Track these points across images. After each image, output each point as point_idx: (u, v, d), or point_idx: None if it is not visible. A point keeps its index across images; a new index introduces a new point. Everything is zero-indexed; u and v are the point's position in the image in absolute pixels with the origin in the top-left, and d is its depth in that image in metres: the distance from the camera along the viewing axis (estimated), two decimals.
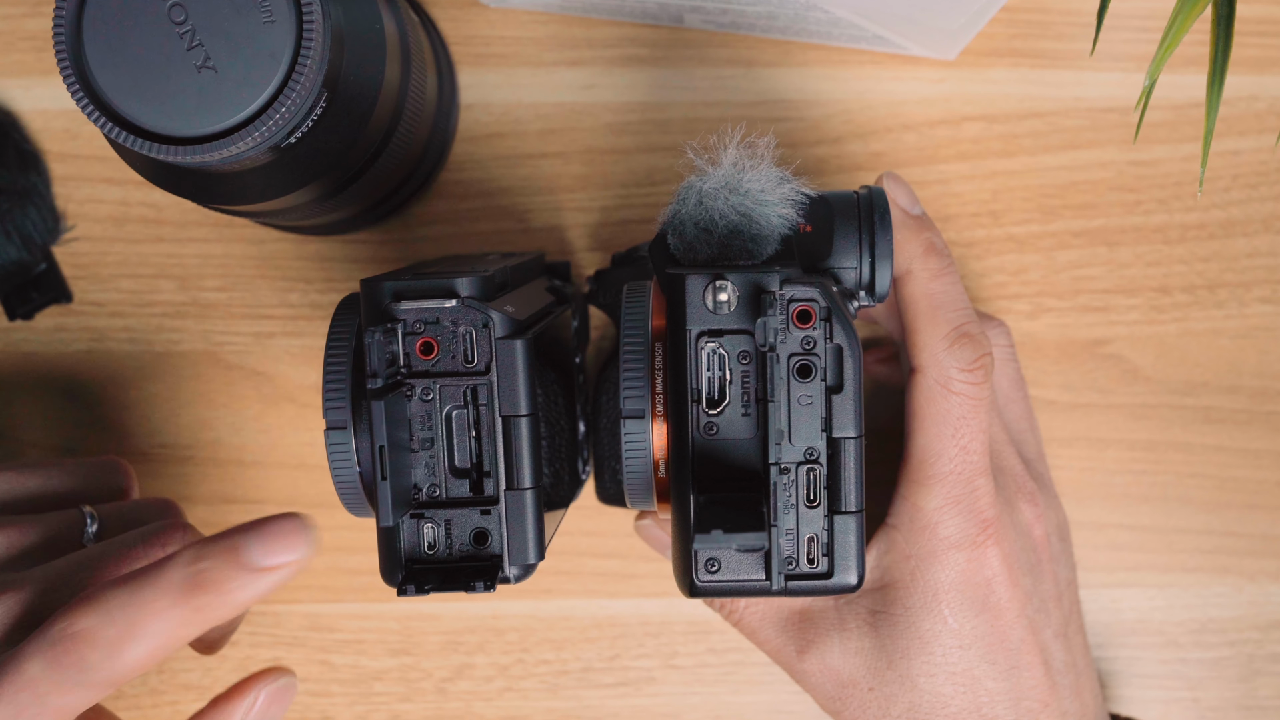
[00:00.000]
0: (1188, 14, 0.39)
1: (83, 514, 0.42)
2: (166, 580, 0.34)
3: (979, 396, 0.41)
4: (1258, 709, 0.53)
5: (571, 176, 0.52)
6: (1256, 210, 0.52)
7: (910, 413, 0.42)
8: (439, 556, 0.37)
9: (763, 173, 0.38)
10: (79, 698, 0.34)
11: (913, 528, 0.42)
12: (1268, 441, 0.52)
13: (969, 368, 0.41)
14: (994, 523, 0.42)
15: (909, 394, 0.42)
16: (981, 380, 0.41)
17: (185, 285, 0.52)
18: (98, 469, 0.45)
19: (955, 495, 0.41)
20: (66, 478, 0.44)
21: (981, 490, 0.41)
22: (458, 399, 0.36)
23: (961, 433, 0.41)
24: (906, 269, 0.42)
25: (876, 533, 0.43)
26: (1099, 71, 0.51)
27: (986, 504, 0.41)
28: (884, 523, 0.43)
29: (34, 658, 0.34)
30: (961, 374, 0.41)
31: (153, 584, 0.34)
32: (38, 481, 0.43)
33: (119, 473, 0.45)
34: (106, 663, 0.34)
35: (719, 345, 0.36)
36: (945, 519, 0.41)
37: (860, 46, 0.51)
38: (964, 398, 0.41)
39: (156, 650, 0.34)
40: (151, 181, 0.41)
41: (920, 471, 0.42)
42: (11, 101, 0.52)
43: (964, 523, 0.41)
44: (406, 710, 0.53)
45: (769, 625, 0.44)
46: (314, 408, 0.52)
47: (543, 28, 0.51)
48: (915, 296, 0.42)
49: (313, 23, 0.36)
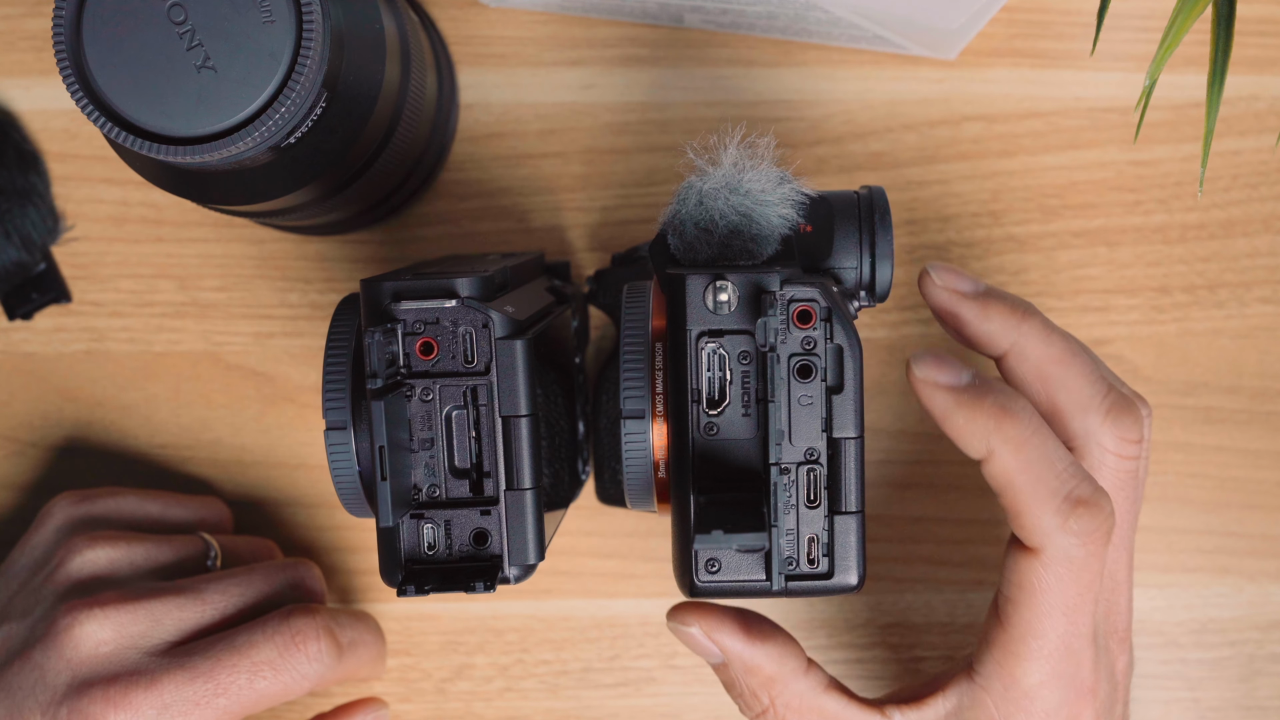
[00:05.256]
0: (1188, 14, 0.39)
1: (205, 542, 0.47)
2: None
3: (1096, 566, 0.38)
4: (1258, 709, 0.53)
5: (571, 176, 0.52)
6: (1256, 210, 0.52)
7: (1015, 584, 0.38)
8: (439, 557, 0.37)
9: (763, 173, 0.38)
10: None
11: (1007, 696, 0.39)
12: (1268, 441, 0.52)
13: (1088, 539, 0.37)
14: (1093, 688, 0.39)
15: (1015, 567, 0.38)
16: (1101, 545, 0.37)
17: (185, 285, 0.52)
18: (206, 505, 0.50)
19: (1059, 670, 0.39)
20: (181, 509, 0.49)
21: (1085, 659, 0.39)
22: (458, 399, 0.36)
23: (1075, 608, 0.38)
24: (986, 450, 0.37)
25: (957, 679, 0.41)
26: (1099, 71, 0.51)
27: (1088, 672, 0.39)
28: (969, 673, 0.40)
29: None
30: (1080, 547, 0.37)
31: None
32: (159, 507, 0.49)
33: (222, 510, 0.51)
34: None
35: (719, 345, 0.36)
36: (1046, 693, 0.39)
37: (860, 46, 0.51)
38: (1082, 570, 0.38)
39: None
40: (151, 181, 0.41)
41: (1023, 645, 0.39)
42: (11, 101, 0.52)
43: (1065, 693, 0.39)
44: (406, 710, 0.53)
45: None
46: (314, 408, 0.52)
47: (543, 28, 0.51)
48: (1007, 477, 0.37)
49: (312, 23, 0.36)
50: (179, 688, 0.41)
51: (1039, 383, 0.39)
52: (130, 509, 0.48)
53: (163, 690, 0.41)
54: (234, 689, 0.42)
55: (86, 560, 0.45)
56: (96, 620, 0.42)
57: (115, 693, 0.40)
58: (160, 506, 0.49)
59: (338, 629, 0.44)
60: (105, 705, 0.40)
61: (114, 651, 0.42)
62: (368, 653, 0.46)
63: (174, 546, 0.46)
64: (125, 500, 0.49)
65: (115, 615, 0.42)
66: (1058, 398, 0.39)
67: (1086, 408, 0.39)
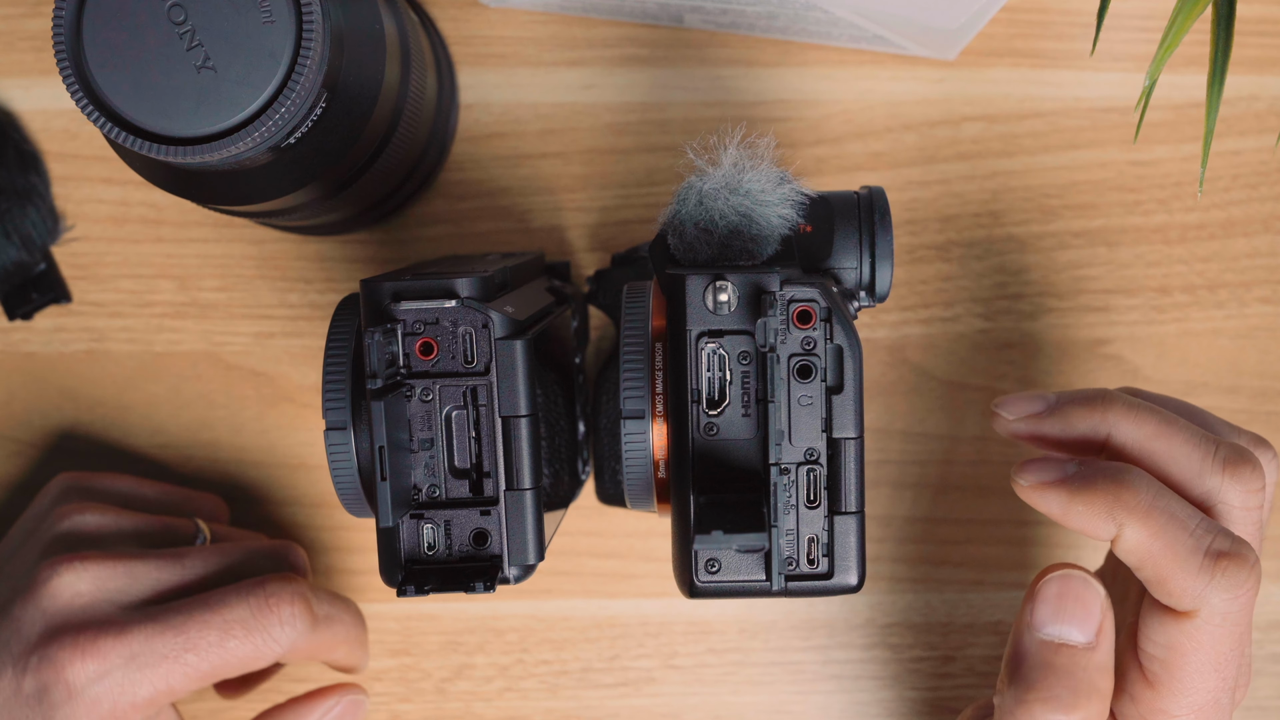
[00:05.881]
0: (1188, 14, 0.39)
1: (195, 524, 0.48)
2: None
3: (1247, 618, 0.37)
4: (1258, 709, 0.53)
5: (571, 176, 0.52)
6: (1256, 210, 0.52)
7: (1164, 645, 0.38)
8: (439, 557, 0.37)
9: (763, 173, 0.38)
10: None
11: None
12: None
13: (1239, 590, 0.36)
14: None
15: (1162, 629, 0.37)
16: (1251, 595, 0.37)
17: (185, 285, 0.52)
18: (203, 497, 0.51)
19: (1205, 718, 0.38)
20: (179, 497, 0.50)
21: (1226, 709, 0.38)
22: (457, 399, 0.36)
23: (1226, 662, 0.37)
24: (1114, 528, 0.37)
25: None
26: (1099, 71, 0.51)
27: (1226, 716, 0.39)
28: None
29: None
30: (1233, 601, 0.36)
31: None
32: (155, 492, 0.50)
33: (219, 504, 0.51)
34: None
35: (719, 346, 0.36)
36: None
37: (860, 46, 0.51)
38: (1235, 624, 0.37)
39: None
40: (151, 181, 0.41)
41: (1175, 703, 0.38)
42: (11, 101, 0.52)
43: None
44: (406, 710, 0.53)
45: None
46: (314, 408, 0.52)
47: (543, 28, 0.51)
48: (1142, 549, 0.37)
49: (312, 23, 0.36)
50: (148, 639, 0.41)
51: (1148, 463, 0.39)
52: (127, 489, 0.49)
53: (131, 640, 0.41)
54: (203, 645, 0.42)
55: (75, 522, 0.45)
56: (75, 572, 0.42)
57: (84, 640, 0.41)
58: (157, 492, 0.50)
59: (315, 600, 0.44)
60: (73, 651, 0.40)
61: (89, 604, 0.42)
62: (344, 631, 0.46)
63: (164, 524, 0.47)
64: (123, 481, 0.49)
65: (94, 569, 0.42)
66: (1170, 471, 0.39)
67: (1201, 473, 0.38)
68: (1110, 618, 0.38)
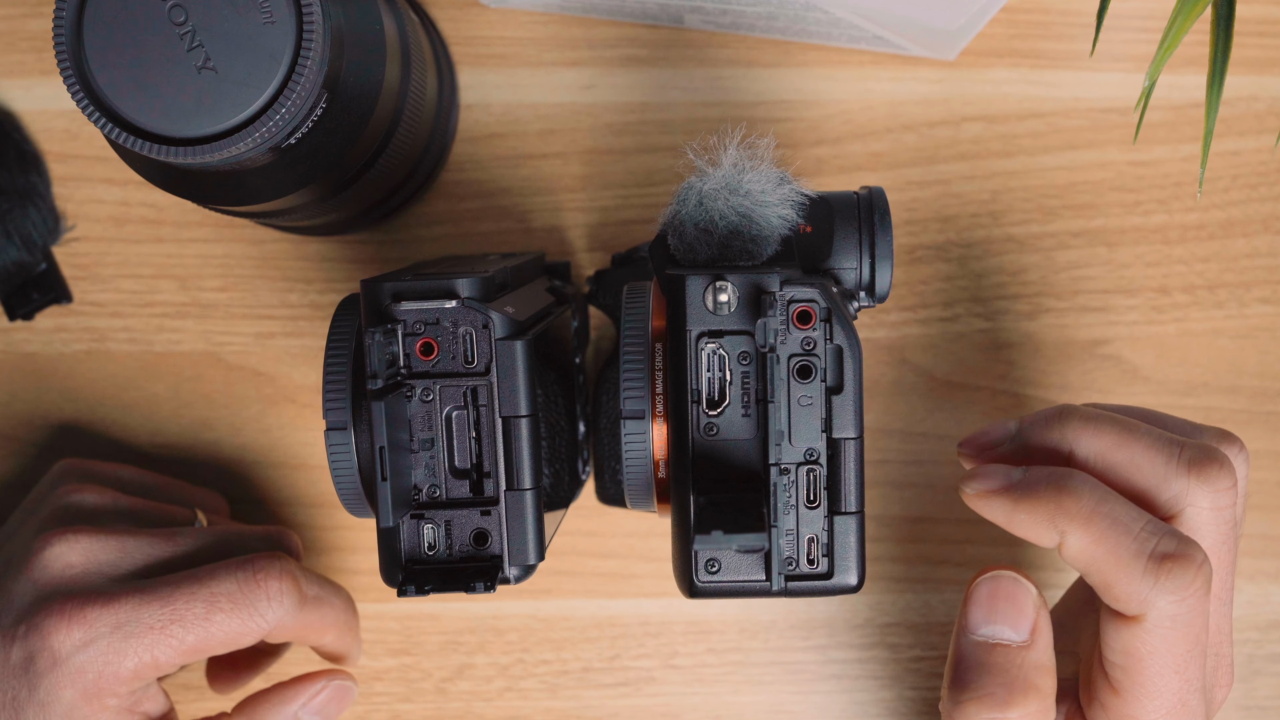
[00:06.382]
0: (1188, 14, 0.39)
1: (193, 513, 0.48)
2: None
3: (1200, 619, 0.36)
4: (1257, 709, 0.53)
5: (571, 176, 0.52)
6: (1256, 210, 0.52)
7: (1121, 651, 0.37)
8: (439, 557, 0.37)
9: (763, 173, 0.38)
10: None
11: None
12: (1268, 441, 0.52)
13: (1186, 592, 0.36)
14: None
15: (1117, 636, 0.37)
16: (1202, 596, 0.36)
17: (185, 285, 0.52)
18: (203, 492, 0.51)
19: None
20: (179, 489, 0.50)
21: (1197, 710, 0.38)
22: (458, 400, 0.36)
23: (1185, 663, 0.37)
24: (1057, 535, 0.37)
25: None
26: (1099, 71, 0.51)
27: (1199, 717, 0.38)
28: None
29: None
30: (1180, 603, 0.36)
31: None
32: (156, 482, 0.50)
33: (219, 501, 0.52)
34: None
35: (719, 346, 0.36)
36: None
37: (860, 47, 0.51)
38: (1188, 626, 0.36)
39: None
40: (151, 182, 0.41)
41: (1140, 708, 0.38)
42: (11, 101, 0.52)
43: None
44: (406, 710, 0.53)
45: None
46: (314, 408, 0.52)
47: (543, 28, 0.51)
48: (1085, 555, 0.37)
49: (313, 23, 0.36)
50: (135, 608, 0.41)
51: (1112, 474, 0.38)
52: (128, 476, 0.49)
53: (119, 609, 0.41)
54: (190, 617, 0.41)
55: (73, 499, 0.46)
56: (66, 543, 0.42)
57: (71, 607, 0.41)
58: (158, 483, 0.50)
59: (304, 580, 0.44)
60: (60, 619, 0.41)
61: (80, 574, 0.42)
62: (333, 615, 0.45)
63: (161, 509, 0.47)
64: (125, 470, 0.50)
65: (85, 541, 0.43)
66: (1134, 479, 0.38)
67: (1166, 477, 0.38)
68: (1045, 616, 0.38)
